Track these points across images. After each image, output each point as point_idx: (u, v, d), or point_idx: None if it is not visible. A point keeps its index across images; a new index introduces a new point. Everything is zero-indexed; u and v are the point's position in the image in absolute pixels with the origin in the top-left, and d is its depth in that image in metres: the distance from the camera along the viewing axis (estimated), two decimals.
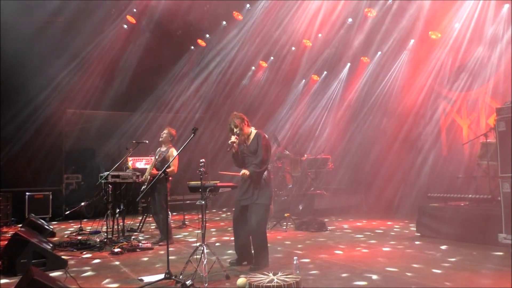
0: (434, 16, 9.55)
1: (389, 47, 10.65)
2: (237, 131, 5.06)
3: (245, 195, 5.06)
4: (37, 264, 4.99)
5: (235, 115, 5.16)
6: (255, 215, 4.97)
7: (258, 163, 5.03)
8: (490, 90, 8.85)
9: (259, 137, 5.14)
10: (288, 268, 4.65)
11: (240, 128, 5.08)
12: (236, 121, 5.08)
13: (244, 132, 5.15)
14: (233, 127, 5.08)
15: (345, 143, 11.69)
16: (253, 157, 5.11)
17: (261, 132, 5.21)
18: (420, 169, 9.83)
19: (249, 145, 5.18)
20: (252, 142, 5.16)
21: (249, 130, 5.22)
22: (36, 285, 3.46)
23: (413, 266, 5.00)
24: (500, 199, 5.74)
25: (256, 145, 5.11)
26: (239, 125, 5.06)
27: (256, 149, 5.10)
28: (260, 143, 5.09)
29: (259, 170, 5.02)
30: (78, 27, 10.82)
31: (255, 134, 5.19)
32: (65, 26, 10.81)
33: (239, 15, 11.79)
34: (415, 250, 5.95)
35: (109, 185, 6.96)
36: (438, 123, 10.08)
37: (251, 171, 4.99)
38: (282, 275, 3.91)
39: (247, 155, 5.17)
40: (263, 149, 5.06)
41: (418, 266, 5.00)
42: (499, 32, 8.48)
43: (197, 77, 13.46)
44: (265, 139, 5.16)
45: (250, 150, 5.15)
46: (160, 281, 4.47)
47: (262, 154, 5.04)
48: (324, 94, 12.62)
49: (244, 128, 5.14)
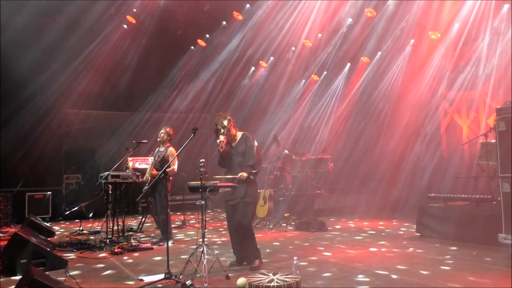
0: (434, 16, 9.55)
1: (389, 47, 10.64)
2: (224, 131, 5.10)
3: (234, 194, 5.10)
4: (37, 264, 4.99)
5: (221, 115, 5.19)
6: (244, 213, 5.04)
7: (253, 165, 5.10)
8: (490, 90, 8.85)
9: (247, 139, 5.20)
10: (288, 268, 4.65)
11: (228, 129, 5.12)
12: (223, 121, 5.11)
13: (231, 133, 5.20)
14: (219, 127, 5.11)
15: (345, 143, 11.68)
16: (241, 158, 5.16)
17: (248, 134, 5.28)
18: (420, 169, 9.83)
19: (236, 146, 5.23)
20: (239, 143, 5.22)
21: (235, 132, 5.27)
22: (36, 285, 3.47)
23: (413, 266, 5.00)
24: (500, 199, 5.75)
25: (244, 147, 5.17)
26: (226, 126, 5.10)
27: (244, 150, 5.15)
28: (249, 144, 5.16)
29: (255, 171, 5.11)
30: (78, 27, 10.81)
31: (242, 136, 5.26)
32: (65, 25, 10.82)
33: (239, 15, 11.79)
34: (415, 250, 5.94)
35: (109, 185, 6.96)
36: (438, 123, 10.08)
37: (248, 173, 5.04)
38: (282, 275, 3.91)
39: (234, 155, 5.21)
40: (254, 150, 5.13)
41: (417, 266, 5.00)
42: (499, 32, 8.48)
43: (197, 77, 13.45)
44: (254, 140, 5.24)
45: (237, 151, 5.20)
46: (160, 281, 4.48)
47: (255, 155, 5.11)
48: (324, 94, 12.62)
49: (231, 129, 5.19)
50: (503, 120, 5.69)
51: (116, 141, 12.54)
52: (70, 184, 11.76)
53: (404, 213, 9.31)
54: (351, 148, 11.49)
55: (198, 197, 4.63)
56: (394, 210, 9.70)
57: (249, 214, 5.11)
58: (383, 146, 10.75)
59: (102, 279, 4.85)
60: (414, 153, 10.13)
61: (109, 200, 6.99)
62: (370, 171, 11.01)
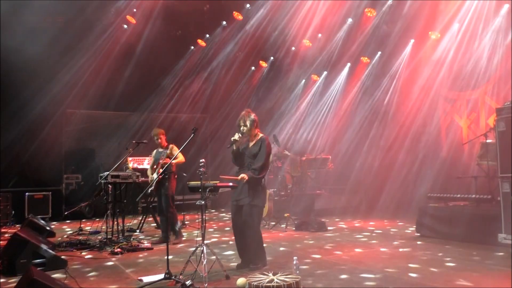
0: (434, 16, 9.55)
1: (389, 47, 10.64)
2: (244, 129, 5.06)
3: (241, 195, 5.05)
4: (37, 264, 4.99)
5: (249, 113, 5.13)
6: (251, 216, 4.98)
7: (258, 169, 5.00)
8: (490, 90, 8.84)
9: (263, 142, 5.11)
10: (288, 268, 4.65)
11: (249, 129, 5.08)
12: (247, 121, 5.06)
13: (251, 133, 5.15)
14: (241, 124, 5.08)
15: (344, 143, 11.67)
16: (252, 160, 5.10)
17: (266, 138, 5.18)
18: (420, 169, 9.82)
19: (251, 147, 5.16)
20: (255, 145, 5.14)
21: (256, 132, 5.20)
22: (36, 285, 3.46)
23: (413, 266, 5.00)
24: (500, 199, 5.75)
25: (258, 149, 5.09)
26: (249, 126, 5.06)
27: (257, 153, 5.07)
28: (263, 148, 5.07)
29: (258, 176, 5.00)
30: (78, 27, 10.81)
31: (260, 138, 5.16)
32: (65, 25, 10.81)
33: (239, 15, 11.79)
34: (415, 250, 5.94)
35: (109, 185, 6.96)
36: (438, 123, 10.07)
37: (250, 176, 4.96)
38: (282, 275, 3.90)
39: (247, 156, 5.17)
40: (265, 155, 5.04)
41: (418, 266, 5.00)
42: (499, 32, 8.48)
43: (197, 77, 13.45)
44: (269, 146, 5.15)
45: (250, 152, 5.13)
46: (160, 281, 4.47)
47: (263, 160, 5.03)
48: (324, 94, 12.61)
49: (252, 130, 5.13)
50: (503, 120, 5.69)
51: (116, 141, 12.55)
52: (70, 184, 11.75)
53: (404, 213, 9.31)
54: (351, 148, 11.48)
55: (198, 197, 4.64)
56: (394, 210, 9.70)
57: (255, 218, 5.03)
58: (383, 146, 10.75)
59: (102, 279, 4.85)
60: (414, 153, 10.13)
61: (109, 200, 6.99)
62: (370, 171, 11.01)
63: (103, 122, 12.74)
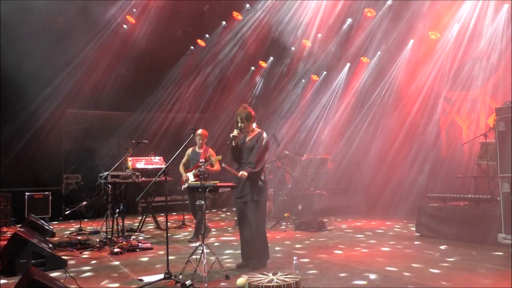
0: (434, 16, 9.54)
1: (389, 47, 10.63)
2: (241, 125, 5.09)
3: (243, 192, 5.08)
4: (37, 264, 4.99)
5: (245, 108, 5.18)
6: (255, 213, 5.01)
7: (254, 162, 5.06)
8: (489, 90, 8.84)
9: (260, 137, 5.17)
10: (288, 268, 4.65)
11: (246, 124, 5.12)
12: (244, 116, 5.10)
13: (249, 128, 5.19)
14: (239, 120, 5.12)
15: (344, 143, 11.67)
16: (249, 154, 5.15)
17: (263, 133, 5.22)
18: (420, 169, 9.82)
19: (249, 142, 5.21)
20: (253, 139, 5.19)
21: (253, 127, 5.25)
22: (36, 285, 3.46)
23: (413, 266, 5.00)
24: (499, 199, 5.75)
25: (255, 143, 5.14)
26: (246, 120, 5.10)
27: (254, 147, 5.13)
28: (259, 142, 5.12)
29: (255, 170, 5.04)
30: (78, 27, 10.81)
31: (258, 133, 5.22)
32: (65, 25, 10.81)
33: (239, 15, 11.79)
34: (414, 250, 5.95)
35: (109, 185, 6.95)
36: (438, 123, 10.07)
37: (249, 172, 5.00)
38: (282, 275, 3.91)
39: (245, 150, 5.21)
40: (261, 149, 5.10)
41: (417, 266, 5.00)
42: (499, 32, 8.48)
43: (197, 77, 13.45)
44: (266, 140, 5.19)
45: (248, 147, 5.18)
46: (160, 281, 4.47)
47: (259, 153, 5.08)
48: (324, 94, 12.61)
49: (250, 125, 5.18)
50: (503, 120, 5.69)
51: (116, 141, 12.54)
52: (70, 184, 11.75)
53: (403, 213, 9.30)
54: (351, 148, 11.48)
55: None
56: (394, 209, 9.70)
57: (259, 214, 5.06)
58: (383, 146, 10.74)
59: (102, 279, 4.85)
60: (414, 153, 10.13)
61: (109, 200, 6.99)
62: (370, 171, 11.00)
63: (103, 122, 12.73)
